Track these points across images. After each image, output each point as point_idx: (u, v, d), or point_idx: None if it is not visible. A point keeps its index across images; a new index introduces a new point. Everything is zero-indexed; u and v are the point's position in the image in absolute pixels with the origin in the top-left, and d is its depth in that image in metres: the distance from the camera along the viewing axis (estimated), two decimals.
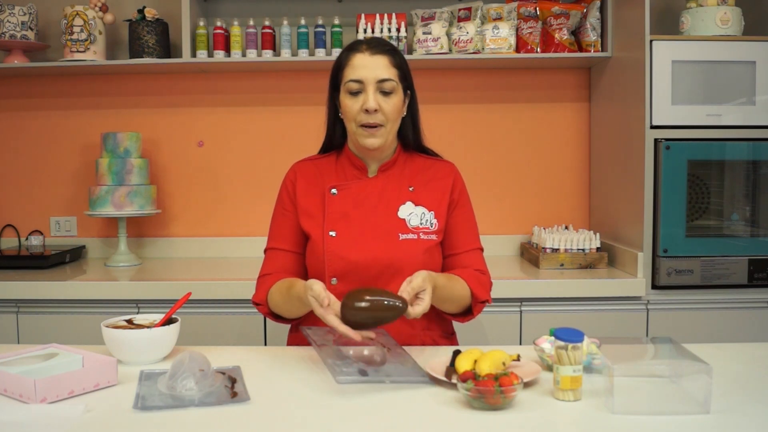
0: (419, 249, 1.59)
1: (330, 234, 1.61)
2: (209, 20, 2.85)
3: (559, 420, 1.13)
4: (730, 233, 2.40)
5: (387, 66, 1.59)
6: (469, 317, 1.64)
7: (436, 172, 1.71)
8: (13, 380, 1.22)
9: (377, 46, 1.61)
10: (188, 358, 1.26)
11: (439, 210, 1.65)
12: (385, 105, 1.58)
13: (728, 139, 2.35)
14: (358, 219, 1.62)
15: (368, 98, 1.57)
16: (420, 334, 1.63)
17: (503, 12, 2.68)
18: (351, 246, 1.59)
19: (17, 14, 2.68)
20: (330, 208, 1.63)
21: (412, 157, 1.72)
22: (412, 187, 1.66)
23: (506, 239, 2.93)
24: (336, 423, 1.13)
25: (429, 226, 1.63)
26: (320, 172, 1.70)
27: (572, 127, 2.93)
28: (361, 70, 1.58)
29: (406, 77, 1.64)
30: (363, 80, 1.58)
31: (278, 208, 1.72)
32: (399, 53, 1.64)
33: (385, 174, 1.68)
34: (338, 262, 1.59)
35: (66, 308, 2.35)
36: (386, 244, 1.59)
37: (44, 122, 2.94)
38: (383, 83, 1.58)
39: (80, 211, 2.93)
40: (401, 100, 1.63)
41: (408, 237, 1.60)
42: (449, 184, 1.69)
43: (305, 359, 1.47)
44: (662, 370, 1.27)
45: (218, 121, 2.94)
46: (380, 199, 1.64)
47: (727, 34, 2.37)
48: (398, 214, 1.63)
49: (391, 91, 1.59)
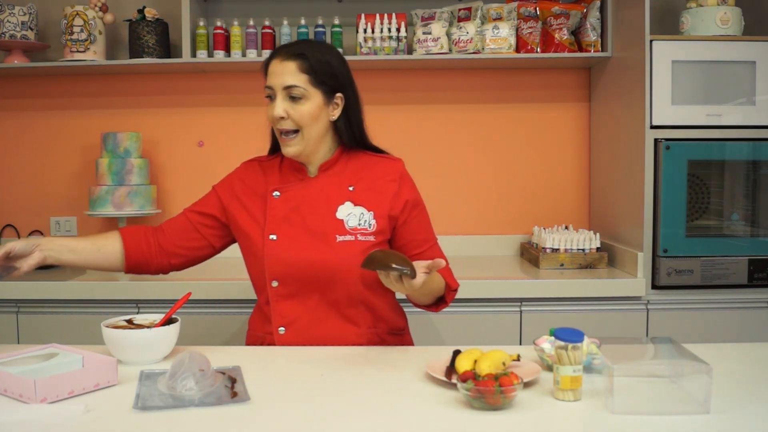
0: (356, 251, 1.59)
1: (270, 237, 1.62)
2: (209, 20, 2.85)
3: (559, 420, 1.13)
4: (730, 233, 2.40)
5: (294, 72, 1.58)
6: (442, 306, 1.68)
7: (381, 170, 1.69)
8: (13, 380, 1.22)
9: (288, 52, 1.60)
10: (188, 358, 1.25)
11: (379, 210, 1.64)
12: (293, 112, 1.58)
13: (728, 139, 2.35)
14: (298, 221, 1.63)
15: (274, 105, 1.59)
16: (366, 332, 1.64)
17: (503, 12, 2.68)
18: (290, 249, 1.60)
19: (17, 14, 2.68)
20: (271, 211, 1.64)
21: (355, 156, 1.71)
22: (352, 186, 1.66)
23: (506, 239, 2.93)
24: (336, 423, 1.13)
25: (367, 227, 1.62)
26: (264, 174, 1.72)
27: (572, 127, 2.93)
28: (271, 77, 1.60)
29: (326, 81, 1.60)
30: (272, 87, 1.60)
31: (214, 191, 1.76)
32: (313, 57, 1.59)
33: (325, 174, 1.68)
34: (277, 265, 1.61)
35: (66, 308, 2.35)
36: (323, 246, 1.60)
37: (44, 122, 2.94)
38: (290, 89, 1.58)
39: (80, 211, 2.93)
40: (316, 106, 1.59)
41: (345, 239, 1.61)
42: (395, 186, 1.67)
43: (305, 359, 1.47)
44: (662, 370, 1.27)
45: (218, 121, 2.94)
46: (319, 200, 1.65)
47: (727, 34, 2.37)
48: (336, 214, 1.63)
49: (300, 97, 1.58)
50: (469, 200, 2.94)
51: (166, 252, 1.70)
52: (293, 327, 1.61)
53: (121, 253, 1.67)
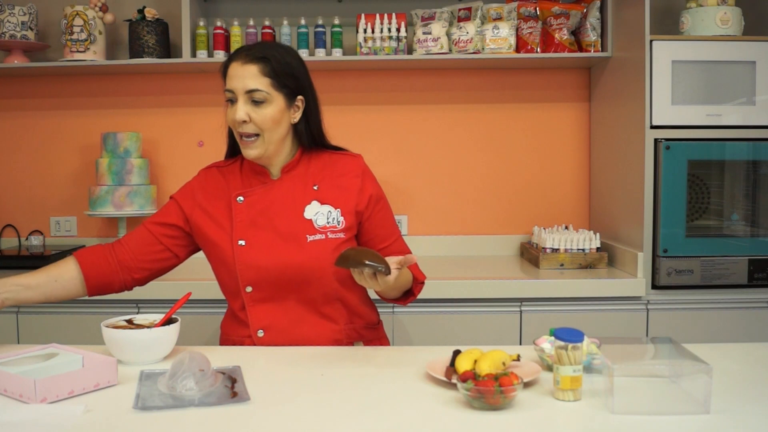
0: (328, 249, 1.59)
1: (239, 243, 1.60)
2: (209, 20, 2.85)
3: (559, 420, 1.13)
4: (730, 233, 2.40)
5: (256, 75, 1.55)
6: (410, 298, 1.70)
7: (343, 168, 1.69)
8: (13, 380, 1.22)
9: (250, 55, 1.57)
10: (188, 358, 1.25)
11: (346, 207, 1.64)
12: (256, 115, 1.56)
13: (728, 139, 2.35)
14: (266, 224, 1.62)
15: (236, 109, 1.56)
16: (344, 328, 1.65)
17: (503, 12, 2.68)
18: (261, 253, 1.59)
19: (17, 14, 2.68)
20: (237, 216, 1.63)
21: (316, 155, 1.70)
22: (316, 185, 1.65)
23: (506, 239, 2.93)
24: (336, 423, 1.13)
25: (336, 225, 1.63)
26: (226, 180, 1.69)
27: (572, 127, 2.93)
28: (232, 80, 1.57)
29: (287, 84, 1.58)
30: (234, 90, 1.57)
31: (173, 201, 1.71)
32: (275, 61, 1.57)
33: (288, 175, 1.67)
34: (249, 270, 1.59)
35: (66, 308, 2.35)
36: (295, 247, 1.59)
37: (44, 122, 2.94)
38: (252, 93, 1.55)
39: (80, 211, 2.93)
40: (278, 110, 1.58)
41: (316, 238, 1.60)
42: (358, 182, 1.67)
43: (305, 359, 1.47)
44: (662, 370, 1.27)
45: (218, 121, 2.92)
46: (285, 202, 1.64)
47: (727, 34, 2.37)
48: (304, 214, 1.62)
49: (263, 101, 1.56)
50: (470, 200, 2.94)
51: (127, 268, 1.64)
52: (272, 329, 1.61)
53: (80, 278, 1.60)
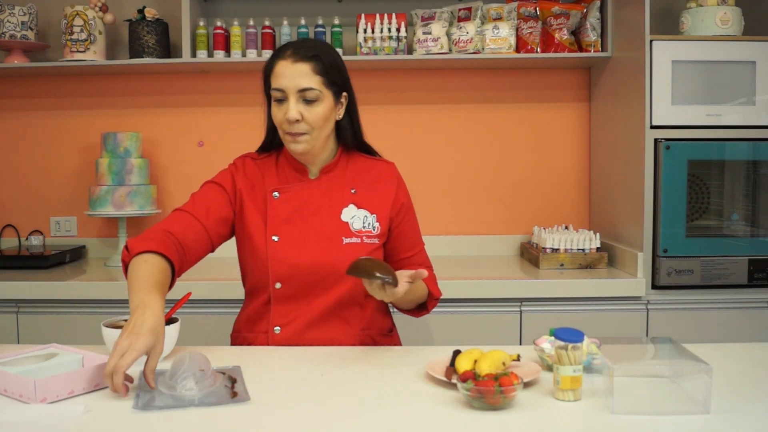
0: (362, 253, 1.59)
1: (273, 238, 1.60)
2: (209, 20, 2.85)
3: (559, 420, 1.13)
4: (730, 233, 2.40)
5: (309, 74, 1.54)
6: (423, 312, 1.71)
7: (379, 174, 1.70)
8: (13, 380, 1.22)
9: (300, 53, 1.55)
10: (188, 358, 1.25)
11: (381, 213, 1.65)
12: (308, 114, 1.55)
13: (728, 139, 2.35)
14: (301, 222, 1.61)
15: (289, 108, 1.54)
16: (359, 333, 1.65)
17: (503, 12, 2.68)
18: (294, 250, 1.59)
19: (17, 14, 2.68)
20: (272, 211, 1.62)
21: (353, 158, 1.71)
22: (354, 189, 1.66)
23: (506, 239, 2.93)
24: (336, 423, 1.13)
25: (371, 230, 1.63)
26: (261, 173, 1.68)
27: (572, 127, 2.93)
28: (283, 79, 1.54)
29: (336, 82, 1.58)
30: (284, 89, 1.55)
31: (213, 183, 1.65)
32: (325, 58, 1.57)
33: (327, 176, 1.67)
34: (281, 266, 1.59)
35: (66, 308, 2.35)
36: (330, 248, 1.59)
37: (44, 122, 2.94)
38: (305, 92, 1.54)
39: (80, 211, 2.93)
40: (329, 107, 1.58)
41: (352, 241, 1.61)
42: (393, 189, 1.68)
43: (305, 359, 1.47)
44: (662, 370, 1.27)
45: (218, 121, 2.94)
46: (323, 202, 1.64)
47: (727, 34, 2.37)
48: (341, 217, 1.62)
49: (315, 99, 1.55)
50: (470, 200, 2.94)
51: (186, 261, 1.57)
52: (289, 327, 1.61)
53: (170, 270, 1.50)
